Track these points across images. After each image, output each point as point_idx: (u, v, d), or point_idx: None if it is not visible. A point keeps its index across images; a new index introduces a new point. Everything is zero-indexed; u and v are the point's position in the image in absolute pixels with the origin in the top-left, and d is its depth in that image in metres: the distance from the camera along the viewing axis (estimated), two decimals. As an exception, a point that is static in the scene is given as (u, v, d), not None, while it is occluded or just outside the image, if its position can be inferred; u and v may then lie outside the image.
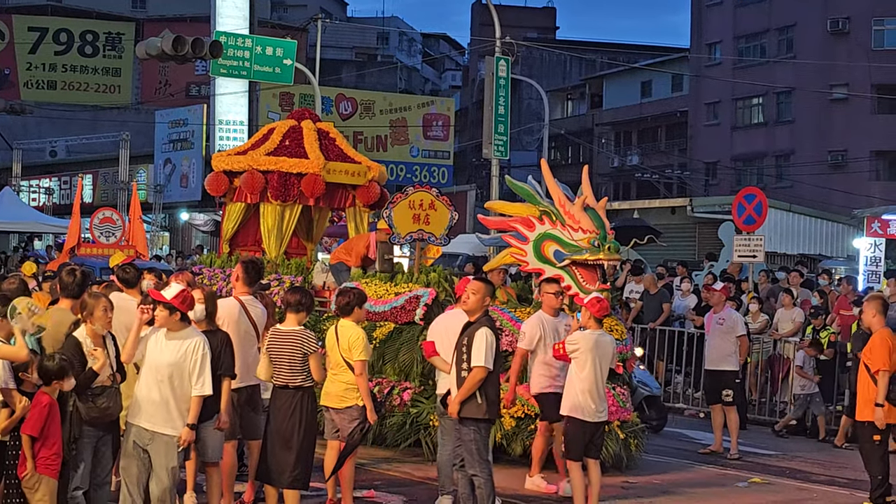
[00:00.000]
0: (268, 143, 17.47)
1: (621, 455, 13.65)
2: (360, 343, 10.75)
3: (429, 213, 15.96)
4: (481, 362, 10.22)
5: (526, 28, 77.33)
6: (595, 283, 13.49)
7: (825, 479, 14.93)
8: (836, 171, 52.20)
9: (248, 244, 17.99)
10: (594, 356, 11.36)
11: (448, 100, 66.15)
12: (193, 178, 50.47)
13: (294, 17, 73.68)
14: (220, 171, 17.52)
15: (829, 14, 53.00)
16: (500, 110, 28.23)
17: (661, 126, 67.21)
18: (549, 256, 13.77)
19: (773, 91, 55.55)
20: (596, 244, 13.42)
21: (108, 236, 25.20)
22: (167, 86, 65.11)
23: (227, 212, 17.91)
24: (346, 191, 17.76)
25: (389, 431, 14.17)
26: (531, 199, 14.22)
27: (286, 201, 17.10)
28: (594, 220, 13.61)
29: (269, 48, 31.01)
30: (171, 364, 9.24)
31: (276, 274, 16.26)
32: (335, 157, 17.53)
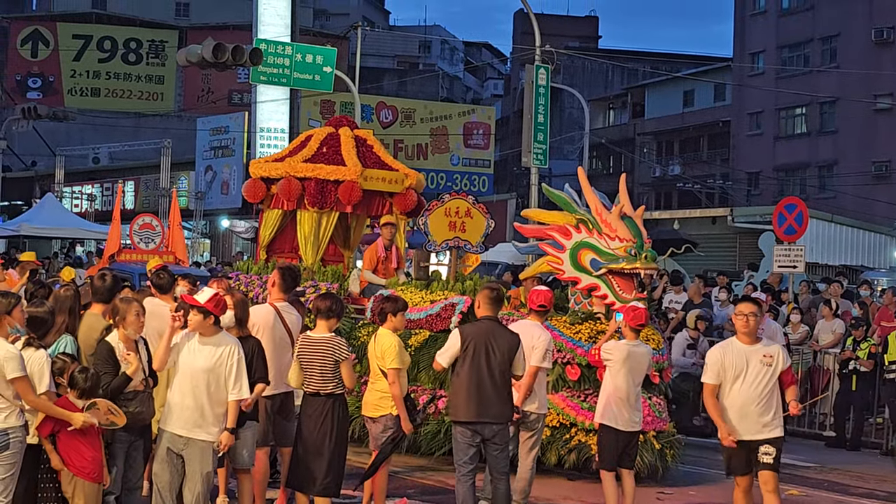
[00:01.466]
0: (305, 150, 17.40)
1: (657, 465, 13.53)
2: (392, 351, 10.69)
3: (465, 220, 15.91)
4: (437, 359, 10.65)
5: (568, 37, 77.23)
6: (632, 293, 13.40)
7: (864, 491, 14.76)
8: (879, 181, 51.82)
9: (284, 251, 17.91)
10: (628, 366, 11.32)
11: (489, 108, 66.21)
12: (234, 186, 50.68)
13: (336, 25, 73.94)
14: (258, 178, 17.51)
15: (874, 23, 52.65)
16: (539, 119, 28.15)
17: (703, 136, 66.96)
18: (585, 265, 13.69)
19: (816, 101, 55.22)
20: (633, 253, 13.32)
21: (148, 242, 25.24)
22: (209, 93, 65.46)
23: (264, 218, 17.87)
24: (383, 198, 17.67)
25: (424, 440, 14.05)
26: (568, 207, 14.14)
27: (323, 208, 17.01)
28: (631, 228, 13.52)
29: (309, 56, 31.06)
30: (207, 369, 9.22)
31: (313, 281, 16.14)
32: (372, 165, 17.45)
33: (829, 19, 54.86)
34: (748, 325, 10.22)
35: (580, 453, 13.27)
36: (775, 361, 10.17)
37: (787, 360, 10.28)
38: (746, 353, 10.18)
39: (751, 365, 10.12)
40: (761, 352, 10.21)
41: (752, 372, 10.10)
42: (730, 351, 10.28)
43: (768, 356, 10.16)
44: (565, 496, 12.90)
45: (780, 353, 10.24)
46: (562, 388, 13.54)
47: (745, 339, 10.24)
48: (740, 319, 10.26)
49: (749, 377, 10.11)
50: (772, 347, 10.33)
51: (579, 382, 13.50)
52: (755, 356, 10.15)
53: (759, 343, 10.30)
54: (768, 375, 10.12)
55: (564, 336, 13.55)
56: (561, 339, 13.44)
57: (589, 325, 13.59)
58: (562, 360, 13.47)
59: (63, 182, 51.34)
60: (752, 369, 10.10)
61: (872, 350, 18.45)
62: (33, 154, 57.38)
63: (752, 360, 10.14)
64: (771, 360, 10.16)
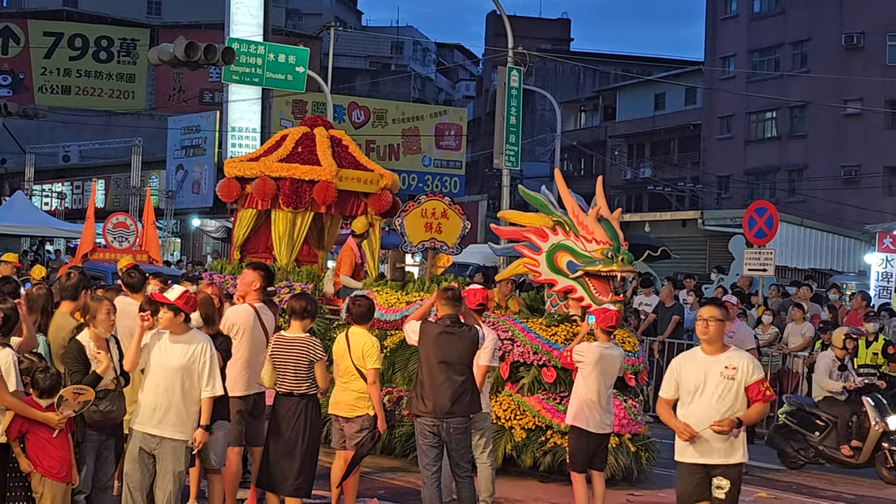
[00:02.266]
0: (280, 150, 17.27)
1: (632, 468, 13.54)
2: (374, 351, 10.73)
3: (441, 221, 15.89)
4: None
5: (540, 39, 77.39)
6: (608, 295, 13.36)
7: (832, 494, 14.84)
8: (849, 186, 52.12)
9: (259, 251, 17.78)
10: (600, 369, 11.30)
11: (461, 109, 66.22)
12: (205, 185, 50.58)
13: (308, 25, 73.80)
14: (232, 178, 17.39)
15: (844, 29, 52.95)
16: (511, 120, 28.17)
17: (674, 139, 67.19)
18: (561, 267, 13.63)
19: (786, 105, 55.47)
20: (609, 255, 13.27)
21: (122, 241, 25.16)
22: (181, 92, 65.24)
23: (238, 218, 17.76)
24: (358, 198, 17.54)
25: (398, 442, 14.01)
26: (544, 209, 14.09)
27: (298, 208, 16.90)
28: (608, 231, 13.47)
29: (281, 55, 31.03)
30: (180, 368, 9.17)
31: (287, 281, 16.09)
32: (348, 165, 17.33)
33: (800, 24, 55.12)
34: (708, 332, 8.93)
35: (555, 456, 13.19)
36: (739, 374, 8.79)
37: (754, 372, 8.85)
38: (707, 365, 8.91)
39: (710, 378, 8.84)
40: (723, 362, 8.87)
41: (711, 385, 8.83)
42: (689, 361, 9.07)
43: (730, 368, 8.80)
44: (537, 498, 12.92)
45: (747, 365, 8.83)
46: (537, 391, 13.46)
47: (707, 347, 8.96)
48: (700, 325, 8.98)
49: (707, 392, 8.84)
50: (737, 358, 8.91)
51: (555, 385, 13.38)
52: (716, 368, 8.85)
53: (724, 353, 8.95)
54: (729, 390, 8.79)
55: (540, 338, 13.48)
56: (537, 342, 13.43)
57: (565, 328, 13.54)
58: (537, 363, 13.41)
59: (33, 180, 51.11)
60: (711, 382, 8.83)
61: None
62: (3, 152, 57.18)
63: (711, 372, 8.85)
64: (733, 372, 8.79)
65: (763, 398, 8.88)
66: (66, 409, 8.75)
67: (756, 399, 8.84)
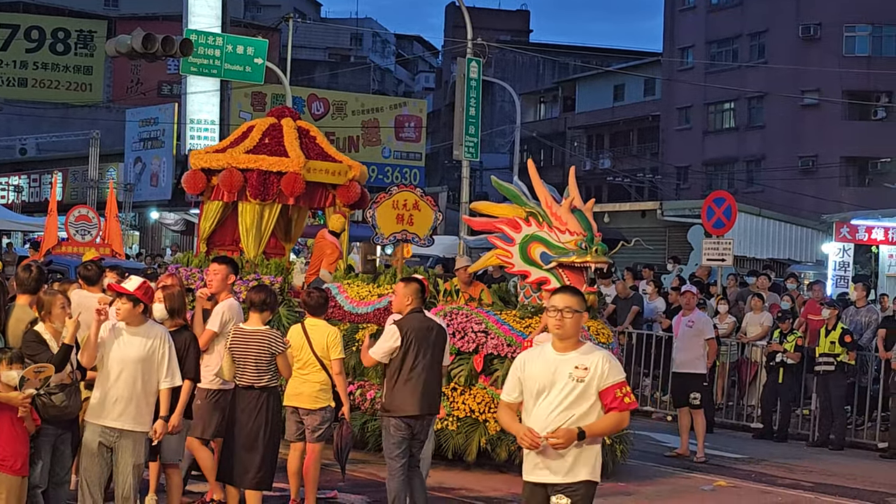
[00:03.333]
0: (247, 141, 17.06)
1: (607, 461, 13.14)
2: (338, 341, 10.79)
3: (412, 213, 15.70)
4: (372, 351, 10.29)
5: (499, 31, 77.45)
6: (582, 286, 13.19)
7: (790, 482, 14.93)
8: (806, 176, 52.44)
9: (225, 243, 17.50)
10: None
11: (420, 101, 66.20)
12: (164, 177, 50.34)
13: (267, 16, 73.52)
14: (198, 169, 17.11)
15: (801, 20, 53.24)
16: (471, 112, 28.19)
17: (633, 130, 67.40)
18: (535, 258, 13.55)
19: (744, 96, 55.75)
20: (583, 246, 13.21)
21: (84, 234, 24.93)
22: (139, 84, 64.84)
23: (204, 210, 17.49)
24: (325, 190, 17.34)
25: (371, 436, 13.85)
26: (517, 199, 13.99)
27: (265, 200, 16.69)
28: (581, 221, 13.40)
29: (239, 47, 30.93)
30: (140, 359, 9.08)
31: (256, 274, 15.89)
32: (315, 156, 17.13)
33: (758, 15, 55.37)
34: (563, 325, 7.25)
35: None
36: (590, 376, 7.13)
37: (610, 373, 7.18)
38: (555, 363, 7.24)
39: (558, 379, 7.21)
40: (574, 361, 7.21)
41: (557, 388, 7.20)
42: (536, 358, 7.41)
43: (581, 367, 7.15)
44: (495, 488, 12.96)
45: (601, 365, 7.16)
46: None
47: (558, 343, 7.31)
48: (553, 316, 7.29)
49: (552, 395, 7.20)
50: (592, 356, 7.24)
51: None
52: (565, 367, 7.21)
53: (577, 350, 7.27)
54: (576, 393, 7.14)
55: (515, 331, 13.42)
56: (511, 334, 13.37)
57: (539, 319, 13.22)
58: (512, 355, 13.03)
59: (-11, 173, 50.74)
60: (559, 384, 7.20)
61: (799, 342, 18.67)
62: (-41, 145, 56.66)
63: (560, 372, 7.21)
64: (584, 373, 7.14)
65: (620, 406, 7.19)
66: (28, 387, 8.68)
67: (611, 407, 7.18)
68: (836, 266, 28.13)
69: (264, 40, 32.52)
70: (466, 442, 13.39)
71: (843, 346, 18.14)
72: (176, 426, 9.48)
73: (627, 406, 7.21)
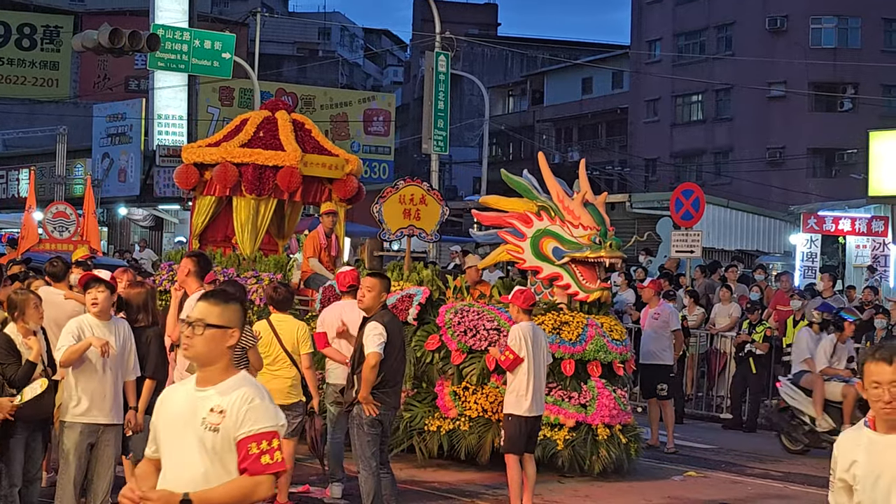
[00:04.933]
0: (241, 135, 16.64)
1: (623, 460, 13.30)
2: (308, 336, 10.79)
3: (419, 208, 15.43)
4: (371, 348, 9.74)
5: (468, 24, 77.33)
6: (596, 282, 13.15)
7: (760, 472, 15.04)
8: (773, 167, 52.70)
9: (217, 240, 17.20)
10: (532, 349, 11.14)
11: (389, 95, 66.10)
12: (132, 173, 50.07)
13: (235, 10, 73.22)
14: (190, 164, 16.72)
15: (768, 12, 53.46)
16: (439, 106, 28.22)
17: (601, 122, 67.54)
18: (547, 254, 13.38)
19: (712, 88, 55.97)
20: (597, 241, 13.07)
21: (63, 231, 24.56)
22: (106, 80, 64.43)
23: (196, 206, 17.06)
24: (321, 184, 16.95)
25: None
26: (528, 193, 13.81)
27: (261, 195, 16.31)
28: (594, 216, 13.25)
29: (207, 42, 30.82)
30: (118, 353, 9.05)
31: (254, 271, 15.56)
32: (312, 150, 16.76)
33: (725, 7, 55.57)
34: (190, 345, 5.23)
35: (545, 449, 12.78)
36: (226, 422, 5.04)
37: (250, 420, 5.01)
38: (195, 402, 5.17)
39: (190, 424, 5.16)
40: (211, 401, 5.12)
41: (190, 437, 5.15)
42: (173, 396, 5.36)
43: (217, 410, 5.07)
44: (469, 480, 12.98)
45: (240, 408, 5.03)
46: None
47: (199, 372, 5.33)
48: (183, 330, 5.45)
49: (185, 446, 5.16)
50: (233, 395, 5.13)
51: None
52: (202, 409, 5.13)
53: (219, 384, 5.18)
54: (211, 446, 5.07)
55: None
56: None
57: (552, 316, 13.13)
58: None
59: (-44, 170, 50.40)
60: (191, 432, 5.15)
61: (768, 333, 18.79)
62: (-75, 141, 56.28)
63: (197, 414, 5.13)
64: (219, 418, 5.04)
65: (253, 468, 4.99)
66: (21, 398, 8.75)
67: (242, 468, 5.02)
68: (804, 257, 28.33)
69: (232, 35, 32.39)
70: (479, 442, 13.11)
71: (812, 336, 18.24)
72: (140, 424, 9.47)
73: (264, 469, 5.00)
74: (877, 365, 5.13)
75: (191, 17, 48.19)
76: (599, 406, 13.00)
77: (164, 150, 46.47)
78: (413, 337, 13.43)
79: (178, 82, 48.43)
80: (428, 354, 13.49)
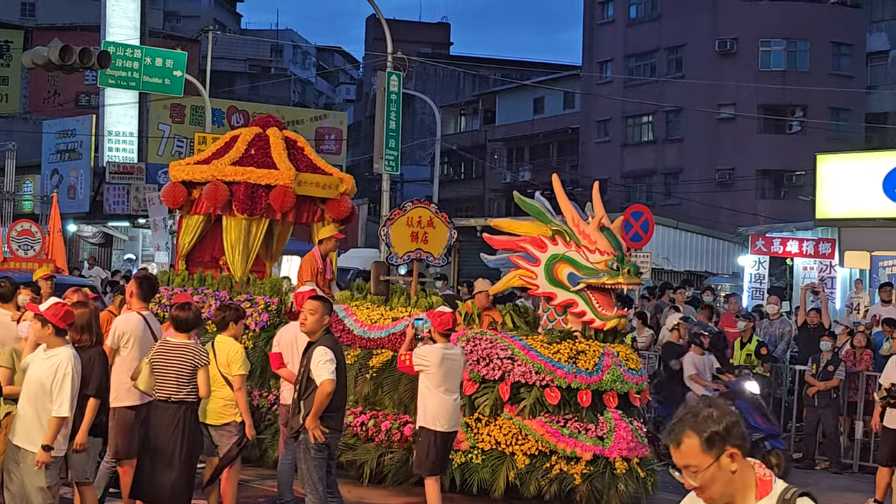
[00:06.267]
0: (232, 152, 16.19)
1: (640, 494, 12.72)
2: (239, 357, 10.73)
3: (427, 231, 14.80)
4: (325, 375, 9.66)
5: (420, 43, 77.56)
6: (612, 309, 12.66)
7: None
8: (723, 189, 53.09)
9: (204, 261, 16.78)
10: (443, 370, 11.11)
11: (341, 113, 66.08)
12: (81, 190, 49.79)
13: (187, 27, 73.07)
14: (178, 182, 16.29)
15: (718, 35, 53.92)
16: (391, 125, 28.23)
17: (552, 142, 67.78)
18: (562, 280, 12.85)
19: (662, 109, 56.36)
20: (615, 267, 12.56)
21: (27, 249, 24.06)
22: (56, 95, 64.03)
23: (183, 225, 16.64)
24: (314, 204, 16.52)
25: (390, 470, 13.09)
26: (541, 216, 13.36)
27: (253, 215, 15.87)
28: (611, 240, 12.79)
29: (158, 59, 30.76)
30: (40, 381, 9.04)
31: (248, 294, 15.08)
32: (305, 168, 16.35)
33: (675, 29, 56.00)
34: None
35: (562, 483, 12.41)
36: None
37: None
38: None
39: None
40: None
41: None
42: None
43: None
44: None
45: None
46: (539, 413, 12.56)
47: None
48: None
49: None
50: None
51: (560, 407, 12.54)
52: None
53: None
54: None
55: (542, 357, 12.56)
56: (539, 360, 12.54)
57: (568, 345, 12.65)
58: (540, 383, 12.52)
59: None
60: None
61: (715, 355, 18.88)
62: None
63: None
64: None
65: None
66: None
67: None
68: (752, 278, 28.50)
69: (183, 52, 32.36)
70: (493, 476, 12.59)
71: (759, 357, 18.44)
72: (82, 444, 9.44)
73: None
74: (672, 450, 4.33)
75: (142, 34, 48.07)
76: (617, 438, 12.45)
77: (114, 166, 46.27)
78: None
79: (129, 99, 48.27)
80: None
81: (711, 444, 4.12)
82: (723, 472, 4.16)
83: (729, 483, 4.18)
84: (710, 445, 4.12)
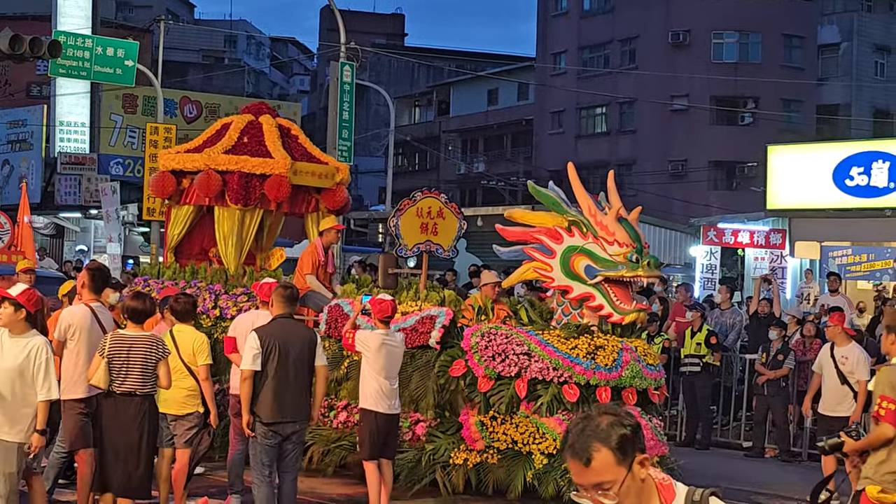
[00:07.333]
0: (224, 140, 15.59)
1: None
2: (205, 348, 10.77)
3: (437, 221, 14.50)
4: (244, 365, 10.13)
5: (374, 34, 77.39)
6: (630, 303, 12.33)
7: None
8: (675, 180, 53.40)
9: (193, 253, 16.30)
10: (383, 355, 11.18)
11: (295, 104, 65.90)
12: (32, 180, 49.37)
13: (140, 17, 72.57)
14: (167, 171, 15.72)
15: (671, 27, 54.19)
16: (344, 116, 28.24)
17: (506, 134, 67.91)
18: (578, 272, 12.44)
19: (615, 101, 56.57)
20: (634, 259, 12.21)
21: None
22: (7, 85, 63.46)
23: (172, 216, 16.07)
24: (308, 194, 16.00)
25: (402, 470, 12.56)
26: (557, 207, 12.95)
27: (247, 205, 15.32)
28: (629, 232, 12.42)
29: (109, 49, 30.54)
30: (15, 368, 9.00)
31: (244, 288, 14.67)
32: (300, 157, 15.78)
33: (629, 21, 56.22)
34: None
35: None
36: None
37: None
38: None
39: None
40: None
41: None
42: None
43: None
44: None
45: None
46: (557, 411, 12.15)
47: None
48: None
49: None
50: None
51: (578, 404, 12.04)
52: None
53: None
54: None
55: (560, 352, 12.16)
56: (556, 356, 12.14)
57: (586, 340, 12.25)
58: (558, 380, 12.12)
59: None
60: None
61: (666, 345, 19.03)
62: None
63: None
64: None
65: None
66: None
67: None
68: (704, 269, 28.70)
69: (135, 42, 32.14)
70: (509, 477, 12.25)
71: (709, 347, 18.59)
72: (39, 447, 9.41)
73: None
74: (577, 469, 3.78)
75: (94, 23, 47.72)
76: None
77: (66, 157, 45.95)
78: (436, 362, 12.70)
79: (81, 89, 47.92)
80: (452, 381, 12.61)
81: (624, 453, 3.72)
82: (635, 482, 3.78)
83: (639, 493, 3.80)
84: (624, 454, 3.72)
